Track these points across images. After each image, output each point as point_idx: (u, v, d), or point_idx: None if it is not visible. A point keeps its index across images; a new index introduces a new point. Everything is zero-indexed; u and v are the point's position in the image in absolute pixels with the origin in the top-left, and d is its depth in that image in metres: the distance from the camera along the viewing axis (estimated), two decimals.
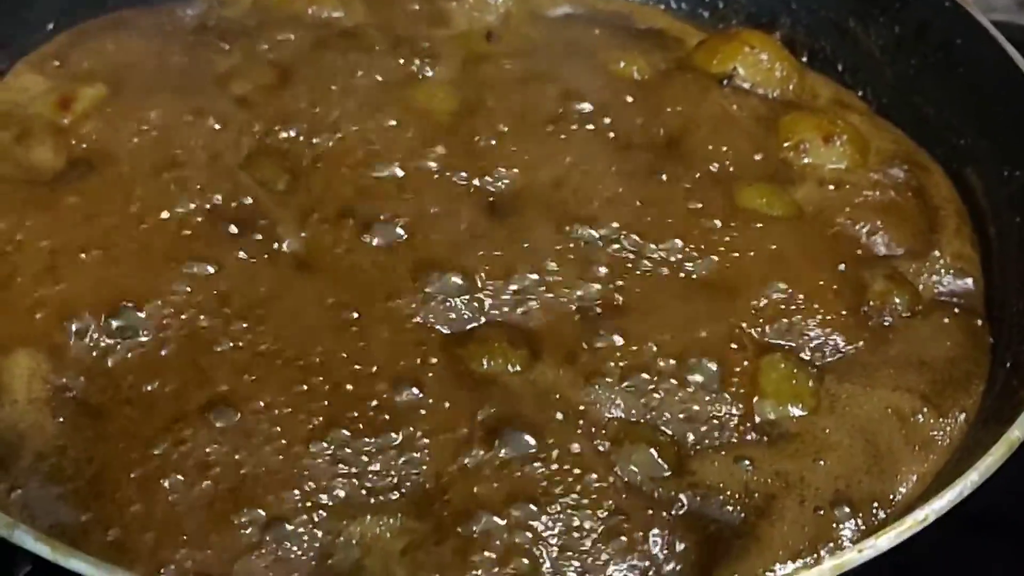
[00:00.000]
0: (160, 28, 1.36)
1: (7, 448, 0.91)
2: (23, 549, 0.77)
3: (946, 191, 1.26)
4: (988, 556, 1.10)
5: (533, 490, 0.90)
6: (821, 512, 0.93)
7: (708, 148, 1.24)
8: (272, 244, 1.08)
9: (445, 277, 1.05)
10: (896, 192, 1.23)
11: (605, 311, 1.05)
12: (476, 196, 1.16)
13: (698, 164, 1.22)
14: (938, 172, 1.29)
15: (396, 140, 1.19)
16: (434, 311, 1.03)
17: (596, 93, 1.29)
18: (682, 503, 0.93)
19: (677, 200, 1.16)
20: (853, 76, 1.44)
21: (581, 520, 0.89)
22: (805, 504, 0.93)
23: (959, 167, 1.28)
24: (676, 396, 0.99)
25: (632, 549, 0.88)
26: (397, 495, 0.90)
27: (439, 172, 1.17)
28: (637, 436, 0.96)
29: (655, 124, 1.27)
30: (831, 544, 0.91)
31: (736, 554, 0.90)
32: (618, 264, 1.09)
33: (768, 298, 1.07)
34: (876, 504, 0.94)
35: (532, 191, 1.16)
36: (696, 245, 1.11)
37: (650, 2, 1.55)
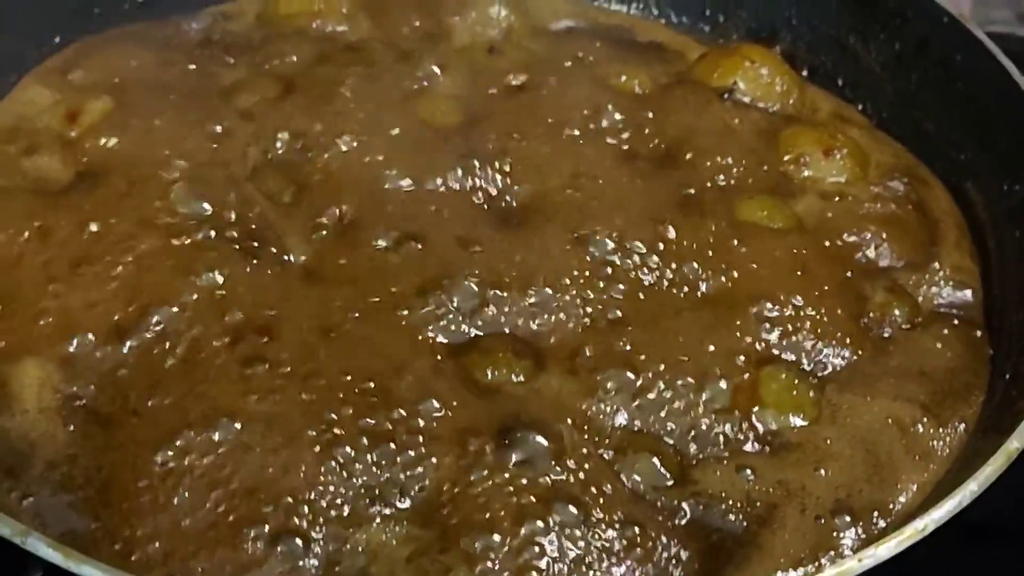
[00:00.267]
0: (166, 42, 1.36)
1: (19, 457, 0.91)
2: (35, 556, 0.77)
3: (946, 204, 1.27)
4: (987, 565, 1.11)
5: (538, 497, 0.90)
6: (822, 521, 0.94)
7: (709, 161, 1.24)
8: (279, 256, 1.08)
9: (450, 288, 1.05)
10: (896, 205, 1.23)
11: (608, 322, 1.05)
12: (479, 208, 1.16)
13: (699, 177, 1.22)
14: (938, 186, 1.29)
15: (400, 152, 1.19)
16: (440, 321, 1.03)
17: (597, 107, 1.29)
18: (685, 512, 0.94)
19: (677, 213, 1.16)
20: (853, 91, 1.44)
21: (587, 528, 0.89)
22: (806, 513, 0.94)
23: (959, 181, 1.28)
24: (678, 406, 1.00)
25: (638, 558, 0.89)
26: (403, 503, 0.90)
27: (443, 184, 1.17)
28: (640, 445, 0.96)
29: (656, 137, 1.27)
30: (832, 553, 0.92)
31: (738, 562, 0.91)
32: (620, 275, 1.09)
33: (769, 310, 1.08)
34: (876, 513, 0.95)
35: (535, 203, 1.17)
36: (697, 257, 1.12)
37: (651, 16, 1.56)
